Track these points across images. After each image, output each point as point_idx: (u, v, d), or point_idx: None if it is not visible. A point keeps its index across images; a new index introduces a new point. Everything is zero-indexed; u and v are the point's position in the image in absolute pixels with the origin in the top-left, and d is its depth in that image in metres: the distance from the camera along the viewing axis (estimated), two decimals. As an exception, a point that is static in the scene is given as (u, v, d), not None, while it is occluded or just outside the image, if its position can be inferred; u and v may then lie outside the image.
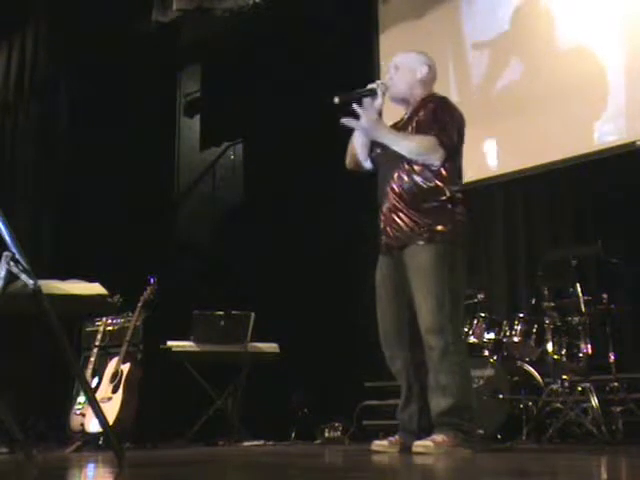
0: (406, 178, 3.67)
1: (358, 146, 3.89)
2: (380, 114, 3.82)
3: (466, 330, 4.91)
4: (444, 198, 3.65)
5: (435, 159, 3.62)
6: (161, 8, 6.58)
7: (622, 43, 5.32)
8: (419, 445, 3.48)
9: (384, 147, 3.77)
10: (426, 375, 3.63)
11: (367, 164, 3.91)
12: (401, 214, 3.67)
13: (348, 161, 3.96)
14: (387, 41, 6.47)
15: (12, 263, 2.82)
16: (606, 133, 5.32)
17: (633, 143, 5.17)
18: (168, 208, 7.74)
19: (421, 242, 3.60)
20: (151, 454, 4.58)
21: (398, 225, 3.68)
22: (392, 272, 3.75)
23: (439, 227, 3.61)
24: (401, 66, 3.83)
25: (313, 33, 6.77)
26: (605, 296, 4.64)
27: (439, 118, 3.67)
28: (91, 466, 3.64)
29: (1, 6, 6.89)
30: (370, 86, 3.78)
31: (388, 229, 3.73)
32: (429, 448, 3.44)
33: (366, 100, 3.74)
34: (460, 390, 3.53)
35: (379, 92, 3.77)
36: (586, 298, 4.58)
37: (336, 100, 3.66)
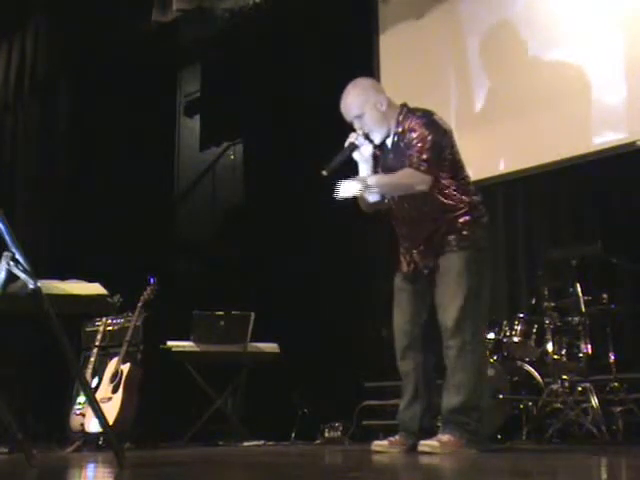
0: (428, 200, 3.67)
1: (371, 205, 3.86)
2: (375, 156, 3.82)
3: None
4: (467, 207, 3.69)
5: (424, 186, 3.62)
6: (161, 8, 6.57)
7: (623, 43, 5.31)
8: (425, 444, 3.50)
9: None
10: (433, 377, 3.71)
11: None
12: (431, 235, 3.68)
13: (365, 209, 3.93)
14: (387, 41, 6.46)
15: (12, 263, 2.83)
16: (606, 133, 5.31)
17: (633, 143, 5.16)
18: (168, 208, 7.74)
19: (453, 249, 3.65)
20: (151, 454, 4.59)
21: (428, 248, 3.70)
22: (414, 277, 3.77)
23: (467, 233, 3.65)
24: (362, 112, 3.75)
25: (313, 33, 6.77)
26: (605, 296, 4.64)
27: (415, 144, 3.64)
28: (91, 466, 3.64)
29: (1, 6, 6.89)
30: (348, 143, 3.75)
31: (415, 254, 3.74)
32: (435, 448, 3.46)
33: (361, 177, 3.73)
34: (472, 389, 3.56)
35: (359, 143, 3.75)
36: (586, 298, 4.58)
37: (324, 173, 3.66)
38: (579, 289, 4.59)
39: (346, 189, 3.60)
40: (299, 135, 6.80)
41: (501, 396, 4.72)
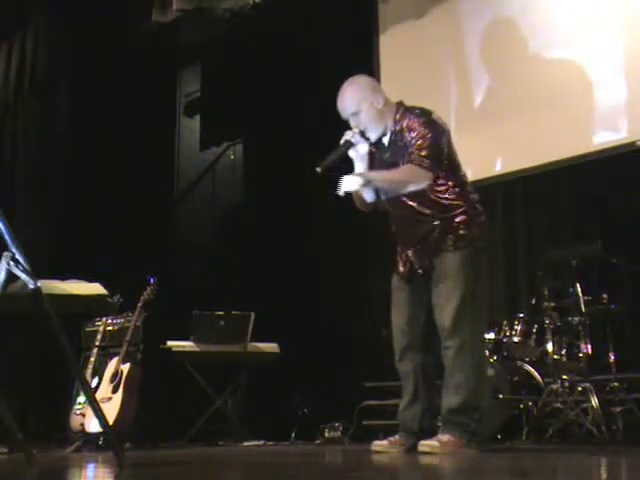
0: (425, 200, 3.66)
1: (367, 204, 3.85)
2: (371, 154, 3.81)
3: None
4: (464, 207, 3.67)
5: (424, 183, 3.62)
6: (161, 8, 6.57)
7: (623, 43, 5.31)
8: (425, 445, 3.50)
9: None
10: (433, 378, 3.70)
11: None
12: (428, 235, 3.67)
13: (362, 208, 3.92)
14: (387, 41, 6.47)
15: (12, 263, 2.83)
16: (606, 133, 5.32)
17: (633, 143, 5.16)
18: (168, 208, 7.74)
19: (449, 249, 3.63)
20: (151, 454, 4.59)
21: (424, 248, 3.69)
22: (411, 277, 3.76)
23: (464, 233, 3.64)
24: (358, 109, 3.74)
25: (313, 33, 6.77)
26: (605, 296, 4.64)
27: (415, 143, 3.63)
28: (91, 466, 3.64)
29: (1, 6, 6.89)
30: (344, 140, 3.73)
31: (411, 253, 3.73)
32: (435, 448, 3.46)
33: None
34: (472, 390, 3.55)
35: (354, 141, 3.73)
36: (586, 298, 4.58)
37: (318, 170, 3.63)
38: (579, 289, 4.59)
39: (348, 184, 3.60)
40: (299, 135, 6.80)
41: (501, 396, 4.72)
